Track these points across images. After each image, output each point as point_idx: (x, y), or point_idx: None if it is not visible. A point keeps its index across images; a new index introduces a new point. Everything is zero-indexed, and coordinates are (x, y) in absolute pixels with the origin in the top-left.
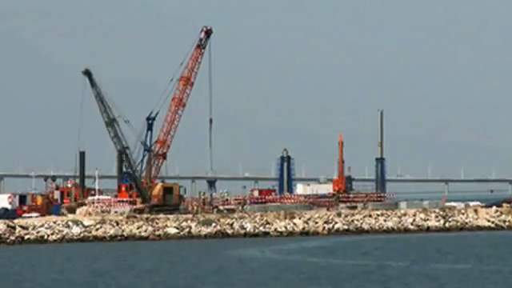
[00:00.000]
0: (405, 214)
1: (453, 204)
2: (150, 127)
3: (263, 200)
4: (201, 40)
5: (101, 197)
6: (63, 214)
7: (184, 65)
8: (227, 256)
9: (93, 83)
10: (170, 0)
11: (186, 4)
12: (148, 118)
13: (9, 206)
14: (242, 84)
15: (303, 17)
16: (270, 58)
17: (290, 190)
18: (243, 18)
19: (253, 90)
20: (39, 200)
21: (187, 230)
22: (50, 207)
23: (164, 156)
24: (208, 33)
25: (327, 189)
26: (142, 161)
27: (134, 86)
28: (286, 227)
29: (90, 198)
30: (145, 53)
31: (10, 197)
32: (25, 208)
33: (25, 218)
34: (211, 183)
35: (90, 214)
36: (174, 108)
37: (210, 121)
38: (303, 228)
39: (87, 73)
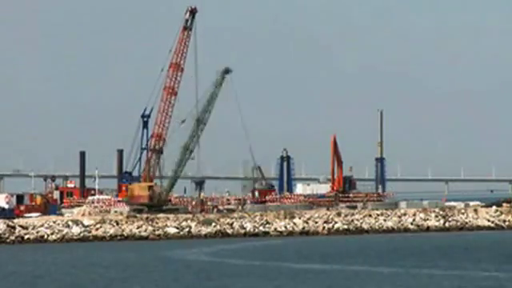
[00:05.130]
0: (405, 214)
1: (453, 204)
2: (145, 125)
3: (263, 200)
4: (186, 21)
5: (101, 197)
6: (61, 214)
7: (173, 51)
8: (151, 256)
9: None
10: None
11: None
12: (143, 116)
13: (6, 206)
14: (242, 84)
15: (303, 16)
16: (270, 58)
17: (290, 189)
18: (245, 17)
19: (252, 90)
20: (39, 200)
21: (187, 229)
22: (48, 207)
23: (160, 151)
24: (193, 12)
25: (326, 189)
26: (139, 159)
27: (127, 83)
28: (285, 227)
29: (89, 197)
30: (135, 46)
31: (6, 196)
32: (22, 208)
33: (25, 217)
34: (198, 184)
35: (89, 213)
36: (166, 97)
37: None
38: (303, 228)
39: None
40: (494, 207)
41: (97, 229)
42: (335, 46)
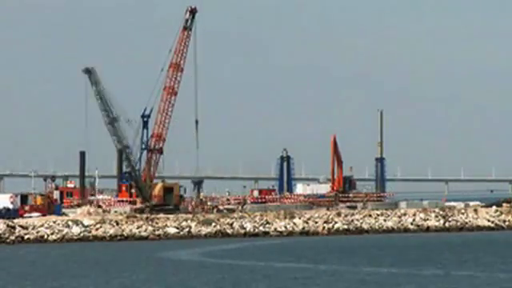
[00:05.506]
0: (405, 214)
1: (453, 204)
2: (145, 125)
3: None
4: (186, 21)
5: (101, 197)
6: (64, 214)
7: (172, 51)
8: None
9: (93, 82)
10: None
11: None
12: (143, 116)
13: (10, 206)
14: (241, 84)
15: (303, 15)
16: (270, 58)
17: (290, 189)
18: (245, 17)
19: (252, 90)
20: (39, 200)
21: (187, 229)
22: (51, 207)
23: (160, 151)
24: (193, 12)
25: (326, 189)
26: (139, 159)
27: (127, 83)
28: (285, 227)
29: (89, 197)
30: (133, 47)
31: (11, 197)
32: (26, 208)
33: (25, 217)
34: (196, 184)
35: (90, 213)
36: (166, 97)
37: (196, 122)
38: (303, 228)
39: (88, 71)
40: (494, 207)
41: (97, 229)
42: (336, 46)
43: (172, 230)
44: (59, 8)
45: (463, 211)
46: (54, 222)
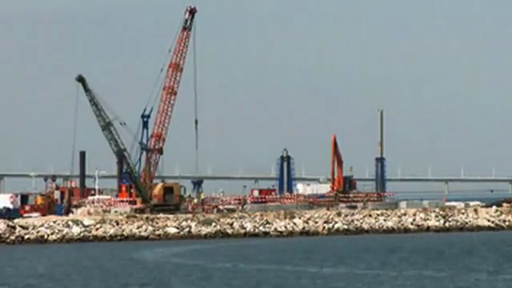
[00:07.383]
0: (405, 214)
1: (453, 204)
2: (145, 125)
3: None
4: (186, 21)
5: (101, 196)
6: (65, 214)
7: (172, 51)
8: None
9: (86, 89)
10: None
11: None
12: (143, 116)
13: (11, 206)
14: (241, 83)
15: (303, 14)
16: (269, 58)
17: (290, 189)
18: (244, 17)
19: (252, 89)
20: (39, 200)
21: (187, 229)
22: (52, 207)
23: (160, 151)
24: (192, 12)
25: (326, 189)
26: (139, 160)
27: (127, 83)
28: (286, 227)
29: (89, 197)
30: (133, 47)
31: (11, 197)
32: (27, 208)
33: (25, 217)
34: (196, 184)
35: (89, 213)
36: (165, 97)
37: (196, 122)
38: (303, 228)
39: (80, 79)
40: (494, 207)
41: (97, 229)
42: (335, 45)
43: (172, 230)
44: (59, 8)
45: (463, 211)
46: (54, 222)
